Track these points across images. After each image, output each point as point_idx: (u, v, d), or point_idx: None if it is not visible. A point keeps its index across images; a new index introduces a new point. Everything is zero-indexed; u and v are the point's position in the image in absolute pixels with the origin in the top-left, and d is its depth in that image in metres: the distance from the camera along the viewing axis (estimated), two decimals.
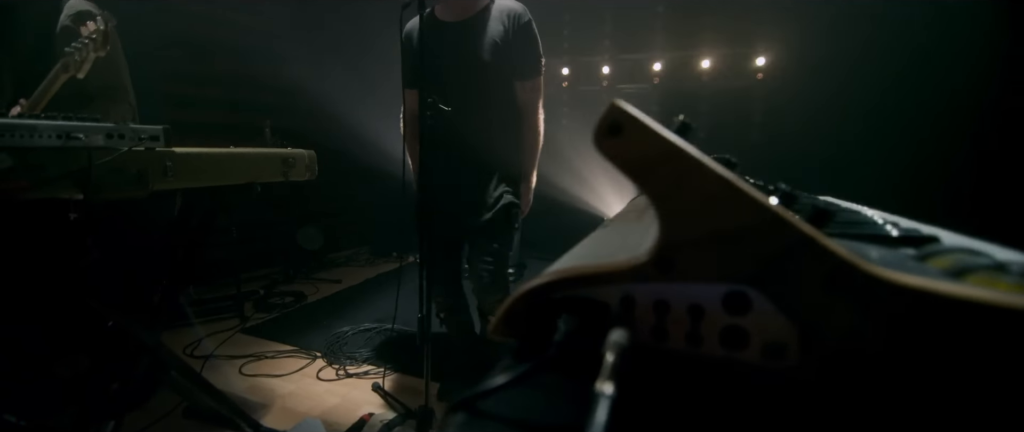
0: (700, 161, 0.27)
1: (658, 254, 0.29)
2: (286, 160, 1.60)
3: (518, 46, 1.67)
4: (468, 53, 1.68)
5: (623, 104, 0.29)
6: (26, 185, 0.98)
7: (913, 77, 3.02)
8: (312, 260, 4.01)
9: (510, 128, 1.80)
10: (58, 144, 1.03)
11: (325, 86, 4.12)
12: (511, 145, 1.81)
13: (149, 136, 1.18)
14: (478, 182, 1.77)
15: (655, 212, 0.28)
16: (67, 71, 1.39)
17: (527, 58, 1.71)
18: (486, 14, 1.69)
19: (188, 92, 3.35)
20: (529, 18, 1.70)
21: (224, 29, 3.52)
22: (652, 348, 0.31)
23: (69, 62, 1.38)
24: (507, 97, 1.77)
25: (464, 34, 1.69)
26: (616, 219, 0.70)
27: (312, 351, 2.37)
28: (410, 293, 2.49)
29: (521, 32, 1.67)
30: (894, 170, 3.03)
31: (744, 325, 0.28)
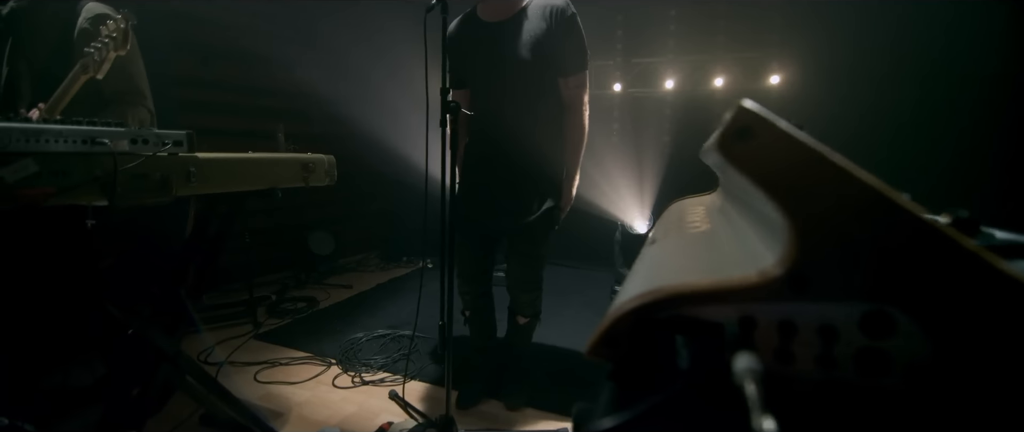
0: (847, 169, 0.24)
1: (791, 271, 0.26)
2: (306, 165, 1.58)
3: (561, 41, 1.64)
4: (510, 52, 1.66)
5: (752, 105, 0.26)
6: (51, 191, 0.96)
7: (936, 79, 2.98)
8: (322, 265, 3.99)
9: (553, 126, 1.78)
10: (83, 149, 1.02)
11: (335, 91, 4.12)
12: (554, 144, 1.78)
13: (173, 141, 1.17)
14: (519, 182, 1.76)
15: (786, 224, 0.26)
16: (86, 72, 1.37)
17: (571, 53, 1.68)
18: (527, 11, 1.67)
19: (200, 98, 3.35)
20: (573, 12, 1.66)
21: (235, 35, 3.52)
22: (775, 373, 0.28)
23: (88, 63, 1.36)
24: (551, 95, 1.74)
25: (506, 33, 1.67)
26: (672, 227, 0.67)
27: (327, 358, 2.34)
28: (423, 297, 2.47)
29: (564, 26, 1.64)
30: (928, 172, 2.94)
31: (885, 348, 0.25)
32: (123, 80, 1.70)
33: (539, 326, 2.05)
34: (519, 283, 1.88)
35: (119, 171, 1.02)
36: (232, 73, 3.55)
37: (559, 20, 1.64)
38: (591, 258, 3.95)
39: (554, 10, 1.64)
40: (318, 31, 4.02)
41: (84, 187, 1.01)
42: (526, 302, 1.92)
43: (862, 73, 3.14)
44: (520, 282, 1.88)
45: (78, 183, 0.99)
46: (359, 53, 4.23)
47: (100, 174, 1.02)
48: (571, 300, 3.25)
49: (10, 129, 0.92)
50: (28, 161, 0.93)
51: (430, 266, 4.32)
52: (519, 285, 1.88)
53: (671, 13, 3.73)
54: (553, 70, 1.70)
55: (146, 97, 1.76)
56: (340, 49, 4.15)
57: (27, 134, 0.94)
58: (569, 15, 1.65)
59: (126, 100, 1.70)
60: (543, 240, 1.84)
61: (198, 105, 3.34)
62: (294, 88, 3.99)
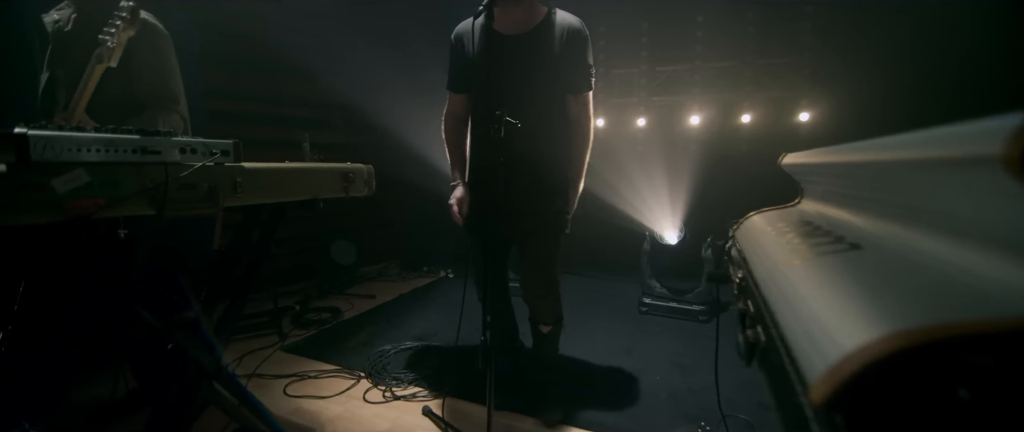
0: None
1: None
2: (346, 175, 1.54)
3: (572, 61, 1.70)
4: (524, 67, 1.70)
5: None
6: (101, 203, 0.92)
7: None
8: (343, 275, 3.96)
9: (561, 139, 1.82)
10: (133, 159, 0.98)
11: (358, 101, 4.13)
12: (561, 155, 1.82)
13: (221, 150, 1.13)
14: (526, 188, 1.76)
15: None
16: (102, 61, 1.35)
17: (582, 73, 1.73)
18: (544, 28, 1.71)
19: (227, 108, 3.36)
20: (586, 34, 1.72)
21: (261, 47, 3.53)
22: None
23: (102, 52, 1.34)
24: (559, 109, 1.79)
25: (521, 48, 1.70)
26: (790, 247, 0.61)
27: (355, 371, 2.29)
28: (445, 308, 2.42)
29: (575, 47, 1.70)
30: None
31: None
32: (159, 83, 1.68)
33: (564, 333, 2.02)
34: (533, 288, 1.87)
35: (170, 181, 0.99)
36: (257, 84, 3.55)
37: (574, 41, 1.69)
38: (617, 268, 3.88)
39: (570, 31, 1.69)
40: (343, 42, 4.03)
41: (134, 198, 0.97)
42: (544, 308, 1.91)
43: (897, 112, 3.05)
44: (534, 287, 1.87)
45: (128, 194, 0.96)
46: (384, 65, 4.23)
47: (150, 185, 0.99)
48: (597, 312, 3.18)
49: (61, 137, 0.89)
50: (79, 171, 0.89)
51: (451, 276, 4.29)
52: (534, 290, 1.88)
53: (698, 19, 3.68)
54: (562, 87, 1.75)
55: (180, 102, 1.74)
56: (365, 61, 4.15)
57: (78, 143, 0.91)
58: (584, 37, 1.71)
59: (160, 104, 1.68)
60: (554, 243, 1.84)
61: (224, 115, 3.34)
62: (317, 98, 4.00)
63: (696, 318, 3.03)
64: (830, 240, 0.55)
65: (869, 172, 0.61)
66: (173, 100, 1.70)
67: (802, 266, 0.49)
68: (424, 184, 4.36)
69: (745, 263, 0.77)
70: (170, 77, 1.70)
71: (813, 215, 0.79)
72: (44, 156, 0.86)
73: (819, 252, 0.52)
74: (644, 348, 2.60)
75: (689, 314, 3.05)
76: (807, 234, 0.63)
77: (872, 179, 0.61)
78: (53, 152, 0.87)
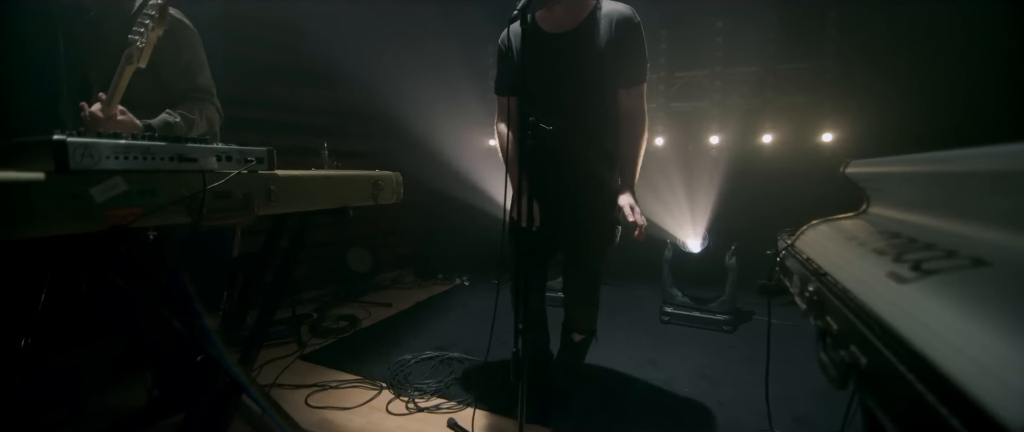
0: None
1: None
2: (376, 183, 1.51)
3: (625, 52, 1.60)
4: (573, 65, 1.63)
5: None
6: (138, 212, 0.89)
7: None
8: (359, 282, 3.94)
9: (611, 140, 1.73)
10: (170, 167, 0.96)
11: (374, 107, 4.13)
12: (612, 157, 1.73)
13: (256, 158, 1.10)
14: (578, 194, 1.72)
15: None
16: (131, 62, 1.32)
17: (636, 64, 1.63)
18: (591, 22, 1.61)
19: (244, 115, 3.35)
20: (638, 21, 1.61)
21: (279, 54, 3.54)
22: None
23: (132, 52, 1.30)
24: (610, 107, 1.70)
25: (569, 45, 1.62)
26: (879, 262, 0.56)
27: (377, 381, 2.25)
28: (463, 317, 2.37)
29: (629, 37, 1.60)
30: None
31: None
32: (189, 77, 1.67)
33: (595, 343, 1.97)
34: (576, 298, 1.83)
35: (207, 190, 0.96)
36: (275, 91, 3.55)
37: (626, 30, 1.59)
38: (636, 277, 3.82)
39: (621, 20, 1.59)
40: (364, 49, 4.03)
41: (170, 207, 0.94)
42: (583, 318, 1.87)
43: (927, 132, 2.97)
44: (578, 297, 1.83)
45: (166, 203, 0.93)
46: (402, 72, 4.23)
47: (187, 193, 0.96)
48: (618, 320, 3.12)
49: (99, 145, 0.86)
50: (117, 179, 0.87)
51: (466, 284, 4.25)
52: (576, 300, 1.83)
53: (718, 24, 3.64)
54: (615, 81, 1.66)
55: (212, 94, 1.73)
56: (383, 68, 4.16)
57: (116, 150, 0.88)
58: (635, 24, 1.61)
59: (193, 97, 1.66)
60: (602, 254, 1.78)
61: (242, 123, 3.33)
62: (333, 105, 4.01)
63: (719, 328, 2.97)
64: (941, 255, 0.50)
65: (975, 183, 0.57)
66: (207, 92, 1.69)
67: (928, 284, 0.44)
68: (439, 191, 4.35)
69: (820, 276, 0.73)
70: (201, 71, 1.69)
71: (894, 225, 0.74)
72: (82, 164, 0.84)
73: (935, 268, 0.47)
74: (669, 359, 2.54)
75: (712, 324, 2.99)
76: (904, 248, 0.59)
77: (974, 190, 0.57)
78: (91, 160, 0.85)
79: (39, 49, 2.09)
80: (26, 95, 2.24)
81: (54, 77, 2.05)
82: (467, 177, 4.37)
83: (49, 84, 2.05)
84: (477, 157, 4.49)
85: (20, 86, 2.27)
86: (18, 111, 2.24)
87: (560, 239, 1.78)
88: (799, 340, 2.85)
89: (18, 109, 2.24)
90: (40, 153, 0.84)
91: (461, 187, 4.43)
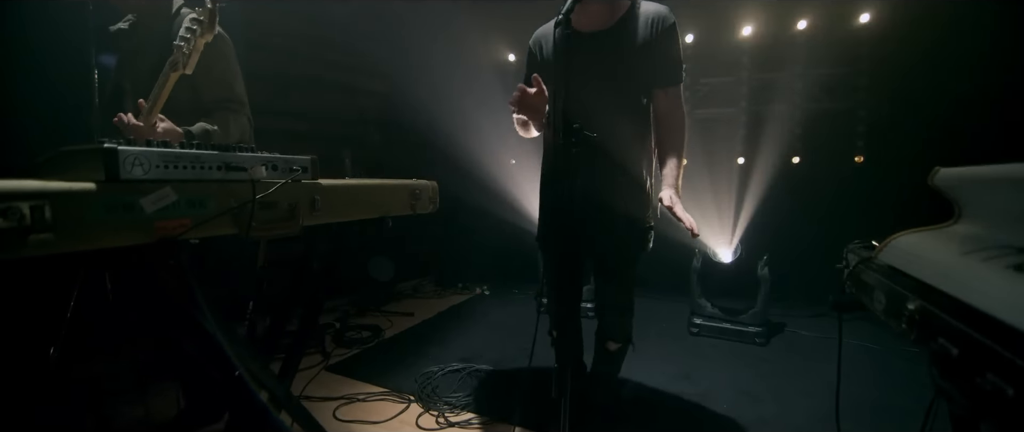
0: None
1: None
2: (413, 192, 1.48)
3: (661, 52, 1.57)
4: (606, 64, 1.59)
5: None
6: (188, 223, 0.86)
7: None
8: (380, 291, 3.90)
9: (647, 142, 1.68)
10: (219, 176, 0.92)
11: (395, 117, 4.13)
12: (645, 160, 1.69)
13: (301, 167, 1.07)
14: (612, 198, 1.65)
15: None
16: (176, 69, 1.29)
17: (670, 64, 1.59)
18: (627, 21, 1.58)
19: (269, 124, 3.35)
20: (673, 21, 1.58)
21: (302, 63, 3.55)
22: None
23: (177, 59, 1.28)
24: (646, 109, 1.66)
25: (605, 45, 1.59)
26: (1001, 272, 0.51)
27: (404, 394, 2.20)
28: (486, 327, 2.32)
29: (666, 36, 1.56)
30: None
31: None
32: (223, 88, 1.65)
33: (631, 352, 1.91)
34: (610, 304, 1.78)
35: (256, 200, 0.92)
36: (297, 100, 3.55)
37: (662, 30, 1.56)
38: (662, 287, 3.73)
39: (656, 19, 1.56)
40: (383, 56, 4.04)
41: (219, 218, 0.91)
42: (618, 325, 1.80)
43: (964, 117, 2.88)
44: (611, 303, 1.78)
45: (214, 213, 0.89)
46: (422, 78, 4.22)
47: (235, 203, 0.92)
48: (645, 331, 3.04)
49: (150, 153, 0.83)
50: (167, 189, 0.84)
51: (487, 293, 4.20)
52: (610, 306, 1.78)
53: (743, 32, 3.58)
54: (652, 82, 1.62)
55: (245, 105, 1.72)
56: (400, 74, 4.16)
57: (166, 158, 0.85)
58: (670, 24, 1.57)
59: (226, 107, 1.65)
60: (636, 259, 1.74)
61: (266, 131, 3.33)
62: (354, 113, 4.00)
63: (752, 340, 2.88)
64: None
65: None
66: (240, 103, 1.68)
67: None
68: (459, 199, 4.31)
69: (925, 292, 0.67)
70: (235, 81, 1.67)
71: (1002, 236, 0.68)
72: (133, 173, 0.80)
73: None
74: (703, 373, 2.46)
75: (744, 336, 2.90)
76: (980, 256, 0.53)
77: None
78: (141, 169, 0.82)
79: (71, 57, 2.10)
80: (58, 104, 2.26)
81: (86, 85, 2.05)
82: (488, 185, 4.34)
83: (81, 92, 2.06)
84: (498, 165, 4.46)
85: (53, 95, 2.28)
86: (50, 120, 2.25)
87: (594, 244, 1.72)
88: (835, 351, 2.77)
89: (50, 118, 2.25)
90: (89, 162, 0.80)
91: (482, 195, 4.40)
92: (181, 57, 1.23)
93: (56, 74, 2.28)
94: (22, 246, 0.68)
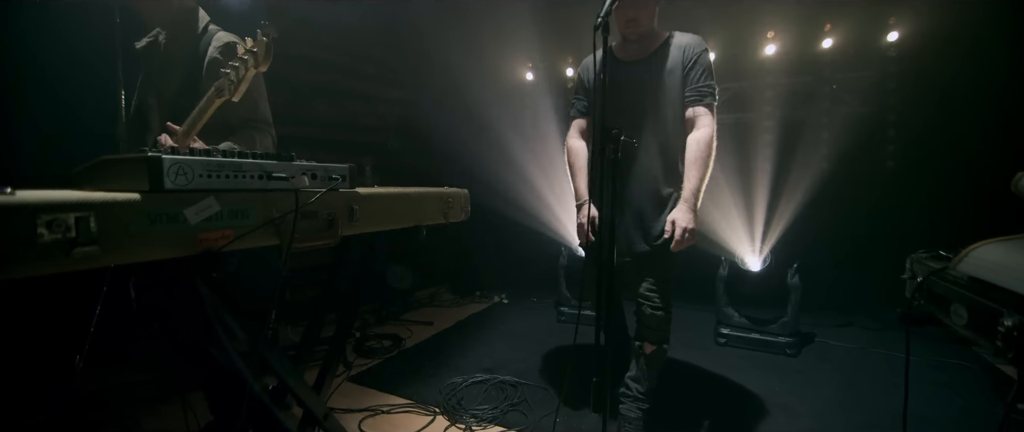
0: None
1: None
2: (446, 200, 1.44)
3: (693, 76, 1.75)
4: (646, 89, 1.78)
5: None
6: (231, 234, 0.83)
7: None
8: (398, 300, 3.87)
9: (680, 157, 1.79)
10: (259, 185, 0.89)
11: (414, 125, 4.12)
12: (679, 173, 1.80)
13: (341, 175, 1.04)
14: (648, 207, 1.80)
15: None
16: (222, 95, 1.27)
17: (699, 87, 1.75)
18: (664, 50, 1.78)
19: (290, 133, 3.36)
20: (704, 48, 1.77)
21: (323, 72, 3.55)
22: None
23: (223, 85, 1.25)
24: (680, 126, 1.80)
25: (643, 72, 1.78)
26: None
27: (430, 406, 2.16)
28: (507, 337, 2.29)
29: (696, 62, 1.75)
30: None
31: None
32: (248, 107, 1.64)
33: None
34: (649, 305, 1.81)
35: (298, 210, 0.89)
36: (318, 110, 3.56)
37: (693, 56, 1.74)
38: (686, 295, 3.66)
39: (689, 48, 1.75)
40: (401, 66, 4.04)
41: (261, 228, 0.88)
42: (655, 327, 1.82)
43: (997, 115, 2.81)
44: (650, 304, 1.81)
45: (257, 224, 0.86)
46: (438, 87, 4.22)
47: (277, 214, 0.89)
48: (673, 340, 2.96)
49: (193, 162, 0.80)
50: (211, 199, 0.81)
51: (505, 302, 4.15)
52: (650, 307, 1.81)
53: (768, 34, 3.52)
54: (682, 102, 1.78)
55: (270, 124, 1.69)
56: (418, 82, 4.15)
57: (208, 167, 0.82)
58: (701, 50, 1.76)
59: (252, 126, 1.63)
60: (673, 264, 1.82)
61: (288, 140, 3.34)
62: (373, 121, 4.00)
63: (782, 351, 2.80)
64: None
65: None
66: (265, 122, 1.65)
67: None
68: (477, 206, 4.28)
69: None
70: (261, 101, 1.65)
71: None
72: (177, 183, 0.78)
73: None
74: (735, 385, 2.39)
75: (774, 346, 2.82)
76: None
77: None
78: (185, 178, 0.79)
79: (98, 71, 2.10)
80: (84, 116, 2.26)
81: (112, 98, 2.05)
82: (506, 193, 4.31)
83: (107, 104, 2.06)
84: (516, 173, 4.43)
85: (79, 107, 2.29)
86: (77, 132, 2.26)
87: (633, 251, 1.83)
88: (868, 362, 2.68)
89: (77, 131, 2.25)
90: (131, 171, 0.78)
91: (500, 203, 4.36)
92: (228, 85, 1.21)
93: (82, 85, 2.29)
94: (67, 260, 0.66)
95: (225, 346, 1.15)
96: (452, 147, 4.18)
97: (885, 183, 3.29)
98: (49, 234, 0.64)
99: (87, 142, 2.23)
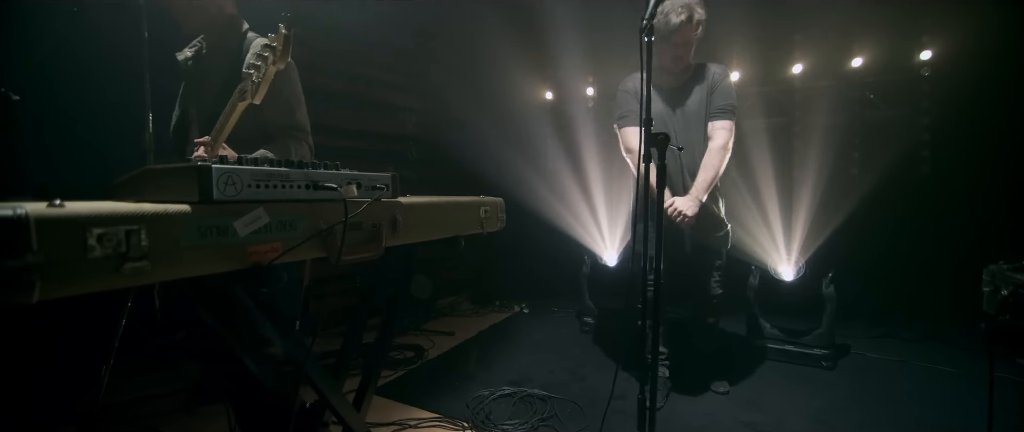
0: None
1: None
2: (483, 208, 1.40)
3: (718, 96, 2.14)
4: (684, 109, 2.18)
5: None
6: (279, 247, 0.79)
7: None
8: (417, 309, 3.83)
9: None
10: (306, 196, 0.86)
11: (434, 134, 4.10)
12: None
13: (384, 185, 1.00)
14: None
15: None
16: (244, 99, 1.23)
17: (723, 104, 2.13)
18: (695, 78, 2.18)
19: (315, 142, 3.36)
20: (726, 74, 2.18)
21: (345, 82, 3.55)
22: None
23: (246, 87, 1.22)
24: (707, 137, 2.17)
25: (679, 96, 2.19)
26: None
27: (458, 420, 2.11)
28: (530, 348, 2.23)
29: (720, 85, 2.15)
30: None
31: None
32: (285, 114, 1.61)
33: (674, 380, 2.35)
34: (709, 285, 2.30)
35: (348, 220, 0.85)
36: (342, 119, 3.55)
37: (717, 81, 2.15)
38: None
39: (715, 75, 2.16)
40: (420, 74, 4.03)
41: (308, 241, 0.84)
42: (716, 299, 2.34)
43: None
44: (710, 284, 2.30)
45: (305, 236, 0.83)
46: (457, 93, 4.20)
47: (324, 225, 0.86)
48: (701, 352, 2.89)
49: (241, 171, 0.77)
50: (260, 211, 0.77)
51: (526, 311, 4.09)
52: (709, 286, 2.30)
53: (795, 37, 3.45)
54: (708, 117, 2.16)
55: (307, 133, 1.67)
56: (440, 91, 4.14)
57: (256, 177, 0.79)
58: (723, 75, 2.17)
59: (288, 135, 1.60)
60: (725, 253, 2.31)
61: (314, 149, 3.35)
62: (394, 130, 3.99)
63: (818, 363, 2.70)
64: None
65: None
66: (302, 130, 1.63)
67: None
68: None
69: None
70: (298, 107, 1.63)
71: None
72: (226, 193, 0.74)
73: None
74: (772, 400, 2.30)
75: (809, 359, 2.73)
76: None
77: None
78: (234, 188, 0.75)
79: (127, 80, 2.10)
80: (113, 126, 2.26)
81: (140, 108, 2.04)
82: (525, 202, 4.27)
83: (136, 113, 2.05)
84: (535, 182, 4.38)
85: (108, 117, 2.29)
86: (106, 142, 2.26)
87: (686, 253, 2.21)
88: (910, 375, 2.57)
89: (106, 140, 2.25)
90: (178, 181, 0.75)
91: (520, 212, 4.32)
92: (250, 86, 1.17)
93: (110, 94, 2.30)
94: (116, 276, 0.62)
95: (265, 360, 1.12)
96: (471, 157, 4.15)
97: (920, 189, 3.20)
98: (100, 249, 0.60)
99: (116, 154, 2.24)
